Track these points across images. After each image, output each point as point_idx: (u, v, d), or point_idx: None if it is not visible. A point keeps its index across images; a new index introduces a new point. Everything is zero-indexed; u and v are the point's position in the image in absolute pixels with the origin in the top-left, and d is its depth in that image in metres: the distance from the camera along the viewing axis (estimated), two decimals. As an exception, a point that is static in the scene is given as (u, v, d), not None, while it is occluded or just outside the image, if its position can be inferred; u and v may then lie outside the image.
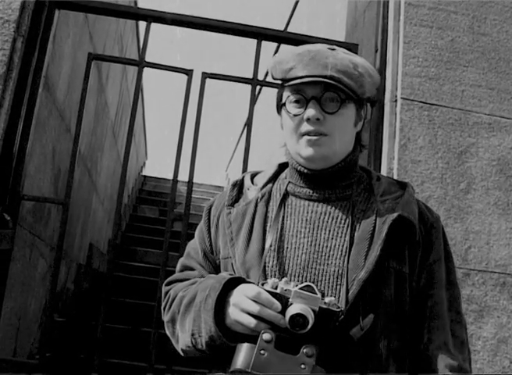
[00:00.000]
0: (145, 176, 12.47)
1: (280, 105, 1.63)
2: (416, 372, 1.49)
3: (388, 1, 3.19)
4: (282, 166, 1.74)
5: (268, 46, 3.92)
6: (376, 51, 3.16)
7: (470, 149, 2.96)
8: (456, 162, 2.92)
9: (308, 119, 1.51)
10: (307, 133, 1.52)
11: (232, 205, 1.64)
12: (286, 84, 1.56)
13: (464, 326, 1.59)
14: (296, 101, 1.55)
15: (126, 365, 4.51)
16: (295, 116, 1.55)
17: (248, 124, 3.10)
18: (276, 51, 7.39)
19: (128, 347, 4.75)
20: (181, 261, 1.75)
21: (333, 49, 1.59)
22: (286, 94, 1.59)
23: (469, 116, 3.00)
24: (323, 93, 1.52)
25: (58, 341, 4.56)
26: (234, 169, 13.85)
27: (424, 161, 2.89)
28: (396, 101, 2.97)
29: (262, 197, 1.62)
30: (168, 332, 1.64)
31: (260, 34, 3.18)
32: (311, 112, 1.51)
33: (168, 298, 1.66)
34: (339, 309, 1.34)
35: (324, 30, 5.53)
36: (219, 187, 13.43)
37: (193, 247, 1.73)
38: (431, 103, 2.98)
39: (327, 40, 3.13)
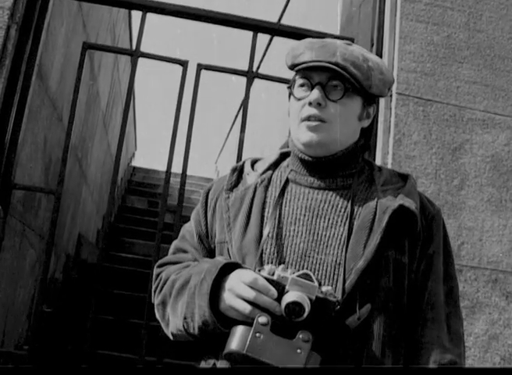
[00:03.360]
0: (134, 167, 12.42)
1: (289, 91, 1.65)
2: (409, 363, 1.48)
3: (385, -4, 3.18)
4: (284, 155, 1.73)
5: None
6: (372, 45, 3.16)
7: (464, 145, 2.96)
8: (451, 158, 2.92)
9: (310, 103, 1.52)
10: (308, 119, 1.53)
11: (231, 189, 1.64)
12: (295, 69, 1.59)
13: (461, 320, 1.58)
14: (303, 86, 1.57)
15: (114, 356, 4.49)
16: (299, 99, 1.56)
17: (243, 117, 3.09)
18: (269, 44, 7.38)
19: (116, 338, 4.73)
20: (175, 243, 1.74)
21: (349, 45, 1.61)
22: (294, 78, 1.61)
23: (464, 112, 3.00)
24: (329, 80, 1.53)
25: (46, 331, 4.54)
26: (224, 161, 13.83)
27: (419, 156, 2.89)
28: (391, 96, 2.96)
29: (262, 182, 1.62)
30: (157, 315, 1.63)
31: (256, 27, 3.16)
32: (313, 95, 1.52)
33: (160, 280, 1.64)
34: (335, 299, 1.33)
35: (317, 25, 5.51)
36: (209, 179, 13.39)
37: (189, 229, 1.72)
38: (426, 99, 2.98)
39: (324, 33, 3.12)
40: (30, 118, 3.30)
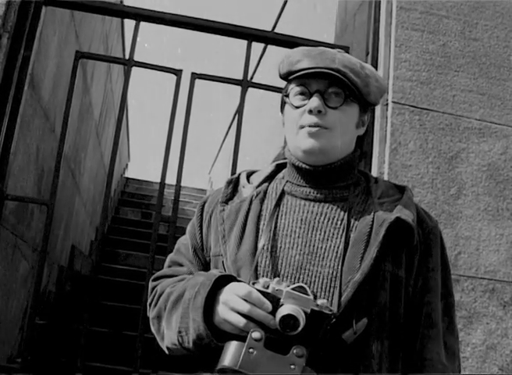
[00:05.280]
0: (127, 178, 12.40)
1: (283, 100, 1.62)
2: None
3: (379, 5, 3.17)
4: (280, 167, 1.71)
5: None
6: (367, 54, 3.14)
7: (460, 154, 2.94)
8: (447, 167, 2.91)
9: (310, 111, 1.50)
10: (308, 126, 1.51)
11: (226, 202, 1.62)
12: (292, 76, 1.56)
13: (457, 336, 1.57)
14: (300, 94, 1.54)
15: (108, 369, 4.45)
16: (297, 107, 1.54)
17: (238, 126, 3.06)
18: (263, 53, 7.38)
19: (109, 350, 4.69)
20: (170, 256, 1.72)
21: (344, 53, 1.60)
22: (290, 87, 1.58)
23: (460, 121, 2.99)
24: (327, 87, 1.52)
25: (39, 344, 4.49)
26: (217, 172, 13.80)
27: (415, 165, 2.87)
28: (387, 104, 2.95)
29: (257, 195, 1.59)
30: (153, 329, 1.60)
31: (250, 35, 3.15)
32: (313, 103, 1.50)
33: (155, 293, 1.62)
34: (331, 312, 1.31)
35: (311, 34, 5.51)
36: (202, 190, 13.38)
37: (184, 243, 1.70)
38: (422, 107, 2.96)
39: (318, 42, 3.10)
40: (23, 128, 3.28)
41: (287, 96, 1.58)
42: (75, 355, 2.97)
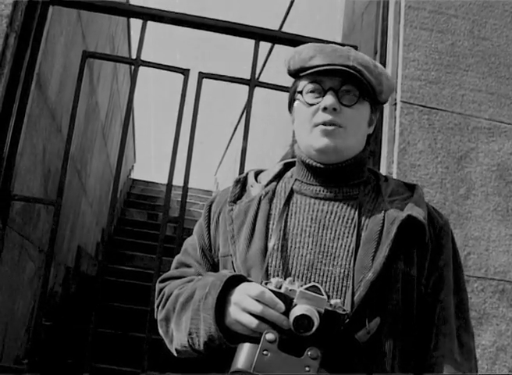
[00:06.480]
0: (133, 180, 12.39)
1: (293, 98, 1.60)
2: None
3: (388, 4, 3.15)
4: (288, 165, 1.70)
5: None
6: (375, 53, 3.13)
7: (469, 154, 2.92)
8: (456, 166, 2.89)
9: (325, 109, 1.48)
10: (323, 124, 1.48)
11: (234, 201, 1.60)
12: (305, 73, 1.53)
13: (471, 334, 1.54)
14: (313, 91, 1.52)
15: (115, 370, 4.44)
16: (311, 105, 1.51)
17: (245, 125, 3.05)
18: (270, 52, 7.37)
19: (116, 352, 4.68)
20: (177, 257, 1.70)
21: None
22: (302, 84, 1.55)
23: (469, 120, 2.97)
24: (341, 85, 1.50)
25: (46, 345, 4.49)
26: (223, 173, 13.80)
27: (424, 165, 2.85)
28: (395, 104, 2.93)
29: (266, 194, 1.57)
30: (161, 331, 1.58)
31: (258, 34, 3.14)
32: (328, 101, 1.47)
33: (163, 295, 1.60)
34: (345, 312, 1.29)
35: (318, 34, 5.50)
36: (208, 191, 13.36)
37: (191, 243, 1.68)
38: (431, 107, 2.94)
39: (327, 41, 3.09)
40: (29, 128, 3.27)
41: (300, 93, 1.55)
42: (82, 356, 2.96)
